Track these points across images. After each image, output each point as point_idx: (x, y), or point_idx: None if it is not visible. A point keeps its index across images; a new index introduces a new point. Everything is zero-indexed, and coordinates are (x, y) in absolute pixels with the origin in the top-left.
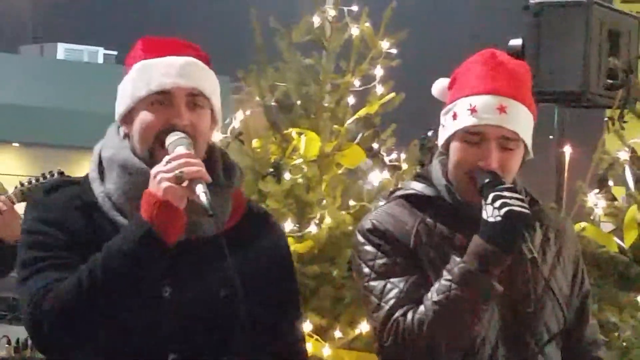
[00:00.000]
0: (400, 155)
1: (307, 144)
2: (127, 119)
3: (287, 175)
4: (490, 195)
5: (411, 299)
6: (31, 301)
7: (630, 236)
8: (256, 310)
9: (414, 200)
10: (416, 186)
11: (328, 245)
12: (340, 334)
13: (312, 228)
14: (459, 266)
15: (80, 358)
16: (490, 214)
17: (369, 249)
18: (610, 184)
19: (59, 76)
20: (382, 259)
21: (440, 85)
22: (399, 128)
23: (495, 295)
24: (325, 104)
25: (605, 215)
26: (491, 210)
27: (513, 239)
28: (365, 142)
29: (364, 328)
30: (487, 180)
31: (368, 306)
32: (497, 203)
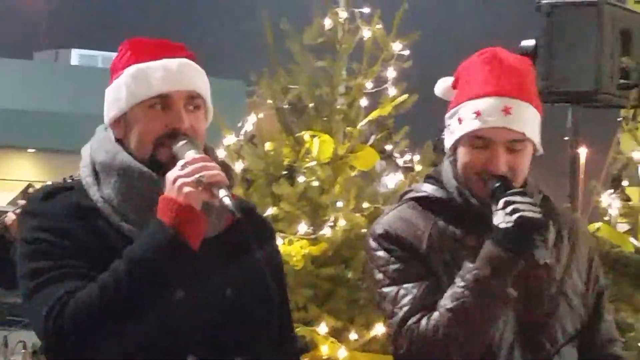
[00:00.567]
0: (414, 156)
1: (321, 147)
2: (119, 123)
3: (301, 177)
4: (501, 201)
5: (425, 304)
6: (51, 311)
7: None
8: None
9: (426, 203)
10: (427, 188)
11: (342, 247)
12: (355, 335)
13: (327, 230)
14: (471, 273)
15: None
16: (502, 220)
17: (381, 254)
18: (624, 184)
19: (73, 82)
20: (395, 265)
21: (443, 84)
22: (412, 130)
23: (509, 300)
24: (338, 106)
25: (619, 216)
26: (502, 216)
27: (525, 245)
28: (379, 144)
29: (380, 330)
30: (497, 185)
31: (383, 312)
32: (509, 209)
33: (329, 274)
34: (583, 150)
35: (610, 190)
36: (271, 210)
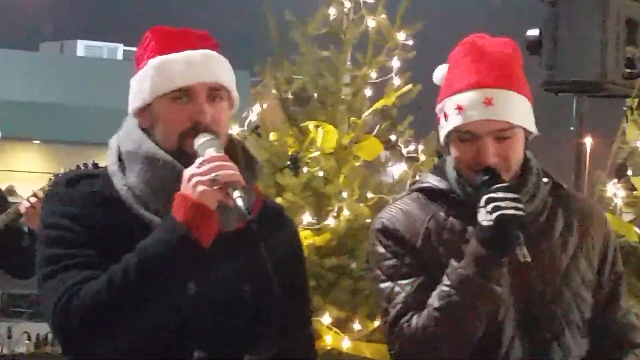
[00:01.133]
0: (418, 146)
1: (325, 137)
2: (144, 113)
3: (305, 168)
4: (483, 198)
5: (418, 302)
6: (60, 300)
7: None
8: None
9: (429, 194)
10: (431, 179)
11: (346, 237)
12: (359, 326)
13: (330, 221)
14: (456, 272)
15: (106, 356)
16: (483, 217)
17: (379, 250)
18: (629, 173)
19: (79, 73)
20: (391, 261)
21: (440, 72)
22: (416, 120)
23: (497, 297)
24: (342, 96)
25: (624, 205)
26: (484, 213)
27: (506, 243)
28: (383, 134)
29: None
30: (484, 179)
31: (379, 309)
32: (489, 206)
33: (333, 265)
34: (589, 140)
35: (615, 180)
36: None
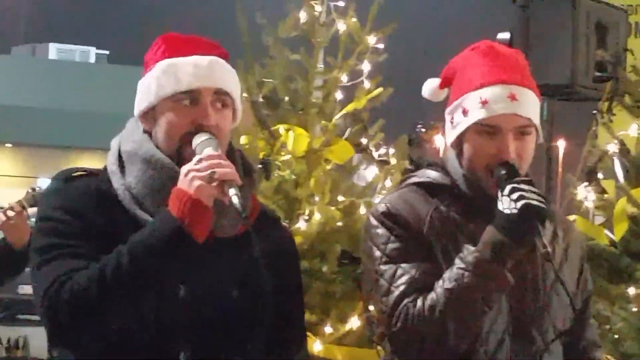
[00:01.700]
0: (389, 150)
1: (295, 140)
2: (148, 115)
3: (276, 171)
4: (507, 187)
5: (422, 286)
6: (49, 289)
7: (620, 228)
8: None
9: (429, 188)
10: (431, 174)
11: (318, 241)
12: (330, 329)
13: (302, 224)
14: (472, 255)
15: (92, 350)
16: (507, 205)
17: (381, 232)
18: (600, 176)
19: (51, 76)
20: (395, 244)
21: (430, 85)
22: (387, 123)
23: (507, 286)
24: (313, 100)
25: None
26: (508, 202)
27: (527, 233)
28: (354, 138)
29: (355, 323)
30: (504, 172)
31: (377, 289)
32: (515, 195)
33: (304, 268)
34: (561, 143)
35: (586, 183)
36: None
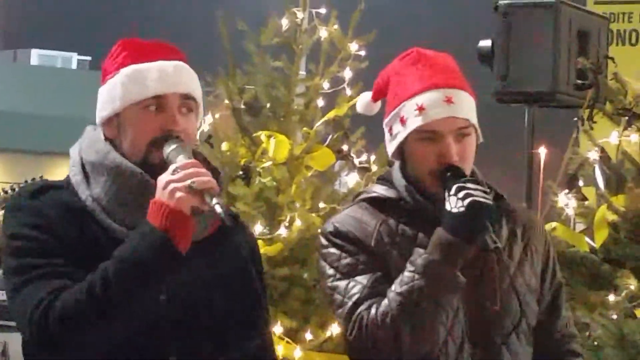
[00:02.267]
0: (370, 157)
1: (277, 147)
2: (111, 122)
3: (257, 178)
4: (453, 187)
5: (375, 293)
6: (37, 309)
7: (601, 235)
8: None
9: (376, 203)
10: (378, 189)
11: (298, 247)
12: (310, 336)
13: (282, 231)
14: (422, 257)
15: None
16: (454, 205)
17: (332, 251)
18: (580, 184)
19: (32, 82)
20: (346, 259)
21: (364, 99)
22: (369, 130)
23: (459, 287)
24: (295, 107)
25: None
26: (455, 201)
27: (476, 230)
28: (335, 145)
29: (335, 330)
30: (449, 173)
31: (333, 305)
32: (461, 194)
33: (285, 274)
34: (543, 150)
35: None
36: None
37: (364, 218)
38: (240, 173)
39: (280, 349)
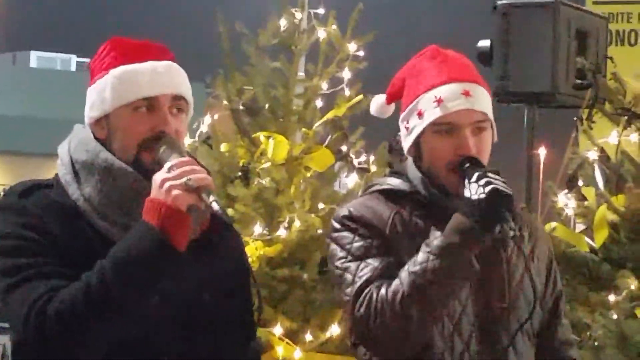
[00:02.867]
0: (369, 157)
1: (276, 148)
2: (101, 123)
3: (256, 179)
4: (474, 174)
5: (386, 276)
6: (32, 308)
7: (601, 236)
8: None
9: (390, 195)
10: (392, 181)
11: (298, 248)
12: (311, 337)
13: (282, 232)
14: (438, 239)
15: None
16: (474, 191)
17: (345, 234)
18: (580, 183)
19: (32, 84)
20: (359, 242)
21: (377, 101)
22: (368, 130)
23: (472, 274)
24: (294, 107)
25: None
26: (475, 188)
27: (495, 218)
28: (334, 145)
29: (335, 331)
30: (469, 164)
31: (343, 283)
32: (482, 181)
33: (284, 275)
34: (542, 151)
35: (566, 190)
36: None
37: (378, 207)
38: (239, 174)
39: (280, 350)
